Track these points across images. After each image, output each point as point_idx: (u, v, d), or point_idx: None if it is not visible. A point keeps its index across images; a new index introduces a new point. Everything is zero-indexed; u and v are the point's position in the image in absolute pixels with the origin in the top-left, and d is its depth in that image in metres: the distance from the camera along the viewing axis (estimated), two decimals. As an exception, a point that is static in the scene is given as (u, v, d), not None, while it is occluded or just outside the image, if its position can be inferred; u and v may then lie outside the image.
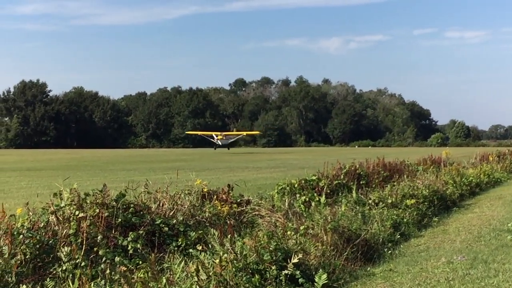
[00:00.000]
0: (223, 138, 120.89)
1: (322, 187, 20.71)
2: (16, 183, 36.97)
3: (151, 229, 13.08)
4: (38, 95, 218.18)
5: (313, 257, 12.06)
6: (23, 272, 10.40)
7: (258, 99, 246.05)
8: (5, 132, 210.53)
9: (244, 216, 15.95)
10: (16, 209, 12.75)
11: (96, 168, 57.14)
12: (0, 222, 11.53)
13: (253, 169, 53.86)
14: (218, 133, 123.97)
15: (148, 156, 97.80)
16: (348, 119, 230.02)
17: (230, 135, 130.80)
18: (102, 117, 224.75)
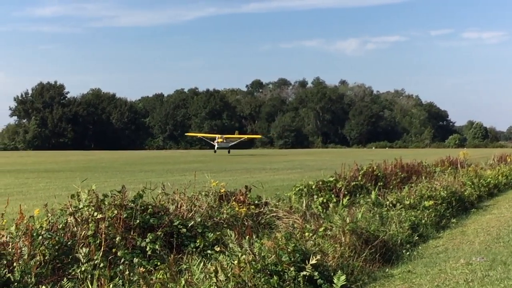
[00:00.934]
0: (224, 141, 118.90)
1: (339, 188, 20.67)
2: (34, 185, 37.13)
3: (169, 230, 13.10)
4: (56, 96, 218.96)
5: (331, 258, 12.04)
6: (42, 273, 10.43)
7: (275, 101, 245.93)
8: (23, 133, 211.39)
9: (262, 217, 15.93)
10: (35, 210, 12.79)
11: (113, 170, 57.29)
12: (19, 223, 11.58)
13: (270, 171, 53.84)
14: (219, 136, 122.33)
15: (165, 158, 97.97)
16: (365, 120, 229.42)
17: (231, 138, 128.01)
18: (120, 118, 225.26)
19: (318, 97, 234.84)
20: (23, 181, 40.81)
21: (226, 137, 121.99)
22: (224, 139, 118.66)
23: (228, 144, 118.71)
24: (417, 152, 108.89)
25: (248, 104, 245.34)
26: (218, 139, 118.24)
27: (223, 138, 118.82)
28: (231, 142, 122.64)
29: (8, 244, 10.87)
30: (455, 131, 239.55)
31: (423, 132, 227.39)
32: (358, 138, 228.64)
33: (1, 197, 13.20)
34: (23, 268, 10.26)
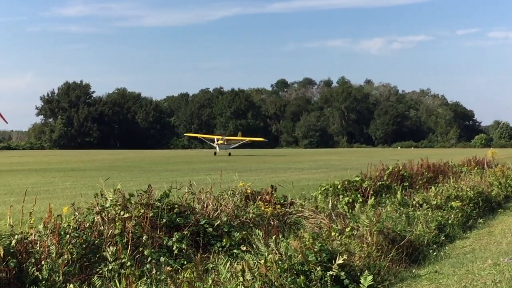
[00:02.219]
0: (224, 143, 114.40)
1: (365, 188, 20.63)
2: (61, 184, 37.34)
3: (196, 230, 13.13)
4: (81, 96, 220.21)
5: (358, 258, 12.00)
6: (70, 271, 10.49)
7: (300, 100, 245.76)
8: (50, 133, 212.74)
9: (288, 217, 15.93)
10: (62, 209, 12.87)
11: (139, 169, 57.50)
12: (47, 222, 11.65)
13: (295, 170, 53.80)
14: (219, 137, 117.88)
15: (190, 157, 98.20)
16: (391, 120, 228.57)
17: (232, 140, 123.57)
18: (145, 118, 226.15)
19: (343, 97, 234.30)
20: (49, 180, 41.05)
21: (227, 139, 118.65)
22: (225, 141, 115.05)
23: (229, 146, 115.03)
24: (442, 152, 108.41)
25: (273, 104, 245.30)
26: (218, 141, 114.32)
27: (223, 140, 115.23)
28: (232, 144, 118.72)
29: (36, 242, 10.93)
30: (481, 131, 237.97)
31: (448, 132, 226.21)
32: (383, 138, 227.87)
33: (28, 196, 13.23)
34: (51, 267, 10.33)
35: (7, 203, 24.25)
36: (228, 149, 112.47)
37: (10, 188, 34.46)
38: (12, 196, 29.05)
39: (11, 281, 9.67)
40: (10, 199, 26.97)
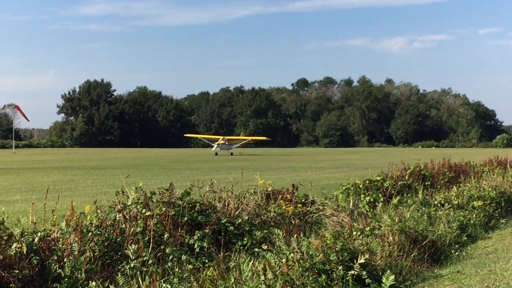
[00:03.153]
0: (225, 143, 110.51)
1: (386, 187, 20.57)
2: (82, 182, 37.50)
3: (217, 228, 13.16)
4: (102, 94, 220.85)
5: (380, 258, 11.97)
6: (92, 269, 10.53)
7: (320, 99, 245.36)
8: (71, 131, 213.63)
9: (309, 216, 15.91)
10: (83, 207, 12.93)
11: (160, 167, 57.63)
12: (70, 219, 11.70)
13: (316, 169, 53.74)
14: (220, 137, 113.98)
15: (210, 156, 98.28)
16: (412, 119, 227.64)
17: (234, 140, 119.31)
18: (165, 116, 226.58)
19: (364, 96, 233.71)
20: (70, 178, 41.24)
21: (228, 139, 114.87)
22: (226, 141, 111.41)
23: (230, 147, 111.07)
24: (464, 152, 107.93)
25: (293, 103, 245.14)
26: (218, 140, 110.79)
27: (224, 140, 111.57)
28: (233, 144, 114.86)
29: (58, 240, 10.99)
30: (503, 131, 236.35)
31: (470, 132, 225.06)
32: (404, 137, 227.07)
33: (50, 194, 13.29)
34: (73, 264, 10.38)
35: (29, 201, 24.42)
36: (229, 149, 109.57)
37: (31, 185, 34.67)
38: (34, 193, 29.23)
39: (34, 278, 9.73)
40: (32, 197, 27.14)
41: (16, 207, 23.21)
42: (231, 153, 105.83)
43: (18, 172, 49.16)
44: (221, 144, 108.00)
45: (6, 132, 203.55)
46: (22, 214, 18.28)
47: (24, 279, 9.59)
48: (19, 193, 29.58)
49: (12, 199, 26.62)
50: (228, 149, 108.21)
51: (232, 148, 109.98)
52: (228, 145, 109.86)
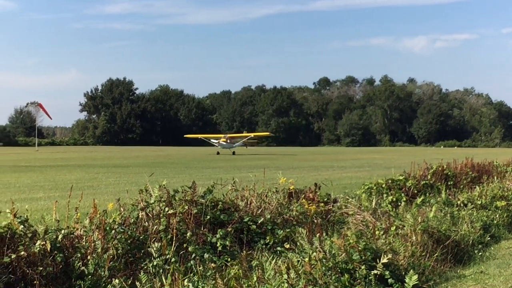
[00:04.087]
0: (227, 141, 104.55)
1: (409, 187, 20.50)
2: (105, 179, 37.64)
3: (239, 227, 13.17)
4: (124, 93, 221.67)
5: (402, 258, 11.93)
6: (115, 266, 10.56)
7: (342, 98, 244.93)
8: (93, 129, 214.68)
9: (331, 215, 15.89)
10: (106, 204, 12.97)
11: (181, 166, 57.76)
12: (93, 217, 11.74)
13: (338, 169, 53.65)
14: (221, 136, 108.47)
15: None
16: (434, 119, 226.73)
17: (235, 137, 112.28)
18: (187, 115, 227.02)
19: (386, 95, 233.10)
20: (93, 176, 41.40)
21: (229, 137, 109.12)
22: (227, 139, 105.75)
23: (232, 145, 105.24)
24: (487, 152, 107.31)
25: (315, 102, 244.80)
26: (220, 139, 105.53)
27: (226, 138, 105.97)
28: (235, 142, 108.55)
29: (82, 237, 11.03)
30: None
31: (492, 131, 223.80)
32: (426, 136, 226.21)
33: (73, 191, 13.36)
34: (96, 262, 10.41)
35: (52, 198, 24.53)
36: (231, 147, 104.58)
37: (54, 183, 34.83)
38: (57, 191, 29.37)
39: (57, 275, 9.77)
40: (55, 194, 27.27)
41: (39, 204, 23.33)
42: (233, 152, 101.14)
43: (41, 170, 49.42)
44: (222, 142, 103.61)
45: (29, 130, 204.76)
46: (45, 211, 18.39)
47: (48, 276, 9.64)
48: (42, 191, 29.74)
49: (36, 197, 26.76)
50: (230, 147, 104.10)
51: (234, 147, 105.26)
52: (229, 143, 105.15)
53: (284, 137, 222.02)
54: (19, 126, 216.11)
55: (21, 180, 37.61)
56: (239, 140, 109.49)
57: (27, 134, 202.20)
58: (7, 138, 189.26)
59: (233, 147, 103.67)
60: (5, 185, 33.39)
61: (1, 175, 42.14)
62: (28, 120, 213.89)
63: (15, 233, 9.90)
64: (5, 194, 27.88)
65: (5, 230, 9.78)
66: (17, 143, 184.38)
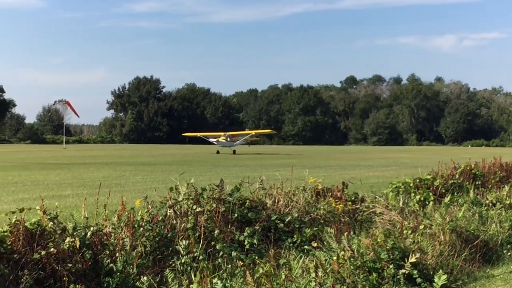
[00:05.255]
0: (227, 140, 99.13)
1: (437, 186, 20.41)
2: (132, 177, 37.81)
3: (267, 225, 13.17)
4: (151, 91, 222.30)
5: (431, 257, 11.89)
6: (143, 264, 10.61)
7: (369, 97, 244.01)
8: (120, 127, 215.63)
9: (359, 214, 15.85)
10: (133, 202, 13.02)
11: (208, 164, 57.88)
12: (121, 214, 11.80)
13: (365, 168, 53.51)
14: (221, 134, 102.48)
15: (259, 153, 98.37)
16: (461, 118, 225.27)
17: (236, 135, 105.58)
18: (214, 113, 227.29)
19: (413, 94, 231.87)
20: (120, 174, 41.61)
21: (230, 135, 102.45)
22: (227, 137, 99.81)
23: (232, 144, 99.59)
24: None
25: (342, 101, 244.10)
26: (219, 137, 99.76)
27: (226, 136, 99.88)
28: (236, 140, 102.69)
29: (110, 234, 11.09)
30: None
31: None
32: (454, 136, 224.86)
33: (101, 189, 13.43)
34: (125, 259, 10.46)
35: (80, 195, 24.72)
36: (232, 146, 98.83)
37: (82, 180, 35.06)
38: (85, 188, 29.56)
39: (86, 272, 9.83)
40: (83, 192, 27.46)
41: (67, 201, 23.49)
42: (234, 151, 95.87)
43: (69, 167, 49.75)
44: (222, 140, 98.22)
45: (57, 127, 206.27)
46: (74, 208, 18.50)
47: (77, 273, 9.70)
48: (70, 188, 29.94)
49: (64, 194, 26.94)
50: (230, 146, 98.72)
51: (234, 145, 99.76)
52: (229, 141, 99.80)
53: (311, 136, 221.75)
54: (47, 124, 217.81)
55: (49, 177, 37.89)
56: (240, 138, 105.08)
57: (55, 132, 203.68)
58: (35, 136, 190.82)
59: (234, 146, 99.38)
60: (34, 182, 33.64)
61: (29, 173, 42.48)
62: (56, 118, 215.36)
63: (45, 230, 9.97)
64: (34, 191, 28.10)
65: (35, 227, 9.85)
66: (45, 141, 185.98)
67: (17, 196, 26.16)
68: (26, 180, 35.55)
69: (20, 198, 25.17)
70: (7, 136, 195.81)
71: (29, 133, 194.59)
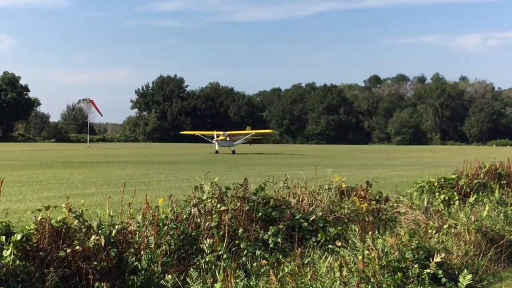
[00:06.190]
0: (226, 139, 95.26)
1: (461, 186, 20.29)
2: (156, 176, 37.92)
3: (291, 224, 13.16)
4: (175, 90, 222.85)
5: (455, 257, 11.83)
6: (168, 262, 10.64)
7: (393, 96, 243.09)
8: (144, 126, 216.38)
9: (383, 213, 15.80)
10: (157, 201, 13.05)
11: (232, 163, 57.96)
12: (145, 212, 11.84)
13: (388, 167, 53.37)
14: (220, 133, 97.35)
15: (282, 152, 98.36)
16: (486, 117, 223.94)
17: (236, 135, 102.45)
18: (237, 112, 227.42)
19: (437, 93, 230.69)
20: (144, 172, 41.77)
21: (229, 134, 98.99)
22: (226, 137, 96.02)
23: (232, 143, 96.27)
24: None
25: (365, 100, 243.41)
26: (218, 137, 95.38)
27: (225, 136, 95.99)
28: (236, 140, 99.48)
29: (135, 233, 11.13)
30: None
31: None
32: (478, 135, 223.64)
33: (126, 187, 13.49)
34: (149, 257, 10.50)
35: (105, 194, 24.83)
36: (231, 146, 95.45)
37: (106, 179, 35.23)
38: (109, 187, 29.69)
39: (111, 270, 9.87)
40: (107, 190, 27.58)
41: (92, 200, 23.60)
42: (233, 151, 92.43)
43: (93, 166, 50.00)
44: (219, 140, 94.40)
45: (81, 126, 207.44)
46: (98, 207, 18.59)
47: (102, 270, 9.73)
48: (95, 186, 30.09)
49: (88, 192, 27.08)
50: (229, 145, 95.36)
51: (234, 145, 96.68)
52: (229, 141, 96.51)
53: (334, 135, 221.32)
54: (71, 122, 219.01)
55: (73, 175, 38.11)
56: (240, 138, 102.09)
57: (79, 131, 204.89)
58: (60, 135, 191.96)
59: (233, 146, 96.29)
60: (59, 181, 33.84)
61: (54, 171, 42.73)
62: (80, 116, 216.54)
63: (70, 228, 10.02)
64: (58, 189, 28.26)
65: (60, 225, 9.90)
66: (69, 139, 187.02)
67: (42, 194, 26.34)
68: (50, 178, 35.76)
69: (45, 196, 25.33)
70: (32, 135, 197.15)
71: (53, 132, 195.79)
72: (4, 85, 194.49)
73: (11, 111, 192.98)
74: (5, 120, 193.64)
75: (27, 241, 9.36)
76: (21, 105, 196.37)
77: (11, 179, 32.18)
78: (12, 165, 50.69)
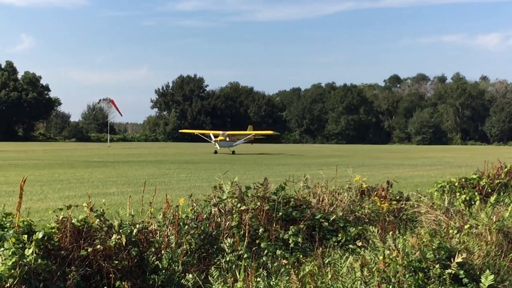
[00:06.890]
0: (226, 139, 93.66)
1: (483, 186, 20.21)
2: (176, 175, 38.06)
3: (311, 224, 13.15)
4: (195, 89, 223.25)
5: (477, 257, 11.77)
6: (188, 261, 10.67)
7: (413, 96, 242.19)
8: (164, 125, 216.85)
9: (403, 213, 15.76)
10: (178, 200, 13.08)
11: (251, 163, 58.03)
12: (166, 212, 11.87)
13: (409, 167, 53.24)
14: (219, 133, 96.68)
15: (302, 152, 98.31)
16: (507, 117, 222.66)
17: (236, 135, 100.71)
18: (257, 112, 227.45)
19: (457, 93, 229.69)
20: (164, 172, 41.90)
21: (229, 134, 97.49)
22: (226, 137, 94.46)
23: (231, 144, 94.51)
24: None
25: (385, 99, 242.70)
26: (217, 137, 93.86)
27: (224, 136, 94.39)
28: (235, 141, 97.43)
29: (156, 232, 11.17)
30: None
31: None
32: (499, 135, 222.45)
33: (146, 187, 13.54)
34: (170, 256, 10.54)
35: (125, 193, 24.93)
36: (231, 146, 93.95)
37: (127, 178, 35.38)
38: (130, 186, 29.81)
39: (132, 269, 9.89)
40: (127, 189, 27.70)
41: (112, 199, 23.71)
42: (233, 151, 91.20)
43: (114, 165, 50.21)
44: (219, 140, 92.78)
45: (101, 126, 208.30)
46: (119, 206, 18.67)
47: (123, 270, 9.76)
48: (115, 186, 30.22)
49: (109, 192, 27.20)
50: (229, 146, 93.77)
51: (234, 146, 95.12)
52: (229, 141, 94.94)
53: (354, 135, 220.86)
54: (92, 122, 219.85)
55: (94, 175, 38.29)
56: (239, 138, 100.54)
57: (99, 130, 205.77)
58: (80, 134, 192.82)
59: (233, 146, 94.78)
60: (79, 180, 34.01)
61: (75, 170, 42.94)
62: (100, 116, 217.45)
63: (92, 227, 10.06)
64: (79, 188, 28.42)
65: (82, 224, 9.94)
66: (90, 139, 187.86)
67: (63, 193, 26.49)
68: (71, 177, 35.95)
69: (66, 195, 25.47)
70: (53, 134, 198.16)
71: (74, 131, 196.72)
72: (25, 85, 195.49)
73: (32, 111, 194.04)
74: (26, 119, 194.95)
75: (49, 240, 9.40)
76: (42, 105, 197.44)
77: (33, 178, 32.36)
78: (34, 165, 51.00)
